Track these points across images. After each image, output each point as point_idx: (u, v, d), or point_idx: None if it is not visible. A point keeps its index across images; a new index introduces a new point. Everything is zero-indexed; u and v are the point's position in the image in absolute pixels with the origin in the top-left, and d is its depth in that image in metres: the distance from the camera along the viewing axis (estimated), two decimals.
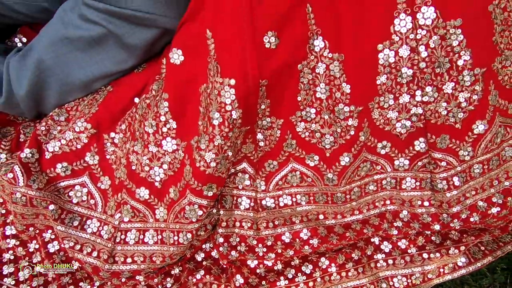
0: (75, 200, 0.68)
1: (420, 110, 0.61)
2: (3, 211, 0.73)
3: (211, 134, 0.58)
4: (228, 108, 0.56)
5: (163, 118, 0.62)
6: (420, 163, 0.66)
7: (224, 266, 0.72)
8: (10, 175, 0.63)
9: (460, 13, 0.54)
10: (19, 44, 0.77)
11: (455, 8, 0.54)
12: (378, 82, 0.59)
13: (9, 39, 0.77)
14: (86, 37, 0.61)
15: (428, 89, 0.58)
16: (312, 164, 0.67)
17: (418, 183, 0.68)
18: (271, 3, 0.53)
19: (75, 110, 0.70)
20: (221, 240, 0.69)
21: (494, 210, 0.67)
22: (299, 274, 0.72)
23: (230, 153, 0.61)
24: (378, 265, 0.73)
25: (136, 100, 0.68)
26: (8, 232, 0.71)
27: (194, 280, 0.72)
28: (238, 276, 0.70)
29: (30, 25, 0.77)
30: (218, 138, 0.58)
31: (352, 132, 0.62)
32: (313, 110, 0.62)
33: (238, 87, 0.55)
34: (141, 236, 0.67)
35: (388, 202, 0.71)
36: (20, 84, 0.65)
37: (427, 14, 0.54)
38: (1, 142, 0.70)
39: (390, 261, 0.74)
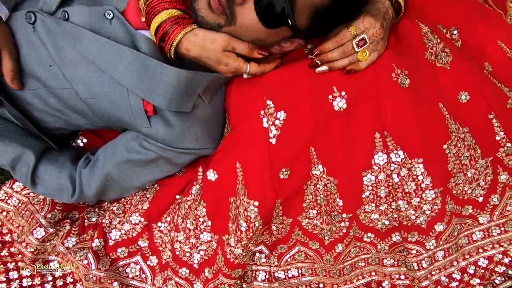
0: (130, 275, 0.88)
1: (395, 215, 0.81)
2: (71, 280, 0.93)
3: (239, 236, 0.79)
4: (253, 220, 0.77)
5: (201, 220, 0.83)
6: (397, 249, 0.86)
7: None
8: (85, 262, 0.84)
9: (421, 153, 0.74)
10: (81, 144, 0.97)
11: (418, 150, 0.74)
12: (363, 196, 0.79)
13: (73, 141, 0.98)
14: (144, 159, 0.81)
15: (400, 202, 0.79)
16: (314, 247, 0.87)
17: (396, 262, 0.88)
18: (285, 149, 0.73)
19: (130, 204, 0.91)
20: None
21: (454, 284, 0.87)
22: None
23: (252, 247, 0.82)
24: None
25: (178, 196, 0.89)
26: None
27: None
28: None
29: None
30: (245, 240, 0.78)
31: (344, 231, 0.83)
32: (314, 211, 0.83)
33: (260, 207, 0.76)
34: None
35: (373, 273, 0.91)
36: (90, 188, 0.85)
37: (398, 154, 0.74)
38: (72, 228, 0.90)
39: None
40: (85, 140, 0.98)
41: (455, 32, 0.86)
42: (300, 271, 0.90)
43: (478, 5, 0.88)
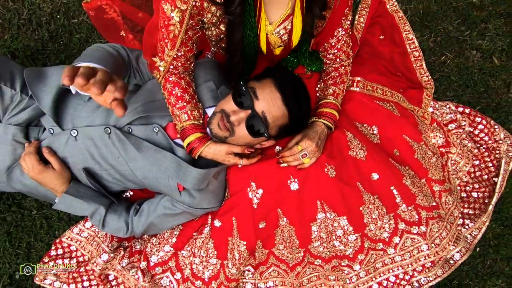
0: (164, 285, 1.36)
1: (332, 249, 1.28)
2: (122, 287, 1.40)
3: (234, 262, 1.26)
4: (243, 252, 1.25)
5: (210, 250, 1.30)
6: (336, 269, 1.33)
7: None
8: (136, 276, 1.31)
9: (345, 213, 1.22)
10: (129, 195, 1.45)
11: (343, 211, 1.22)
12: (312, 237, 1.26)
13: (123, 193, 1.45)
14: (174, 213, 1.28)
15: (335, 241, 1.26)
16: (283, 268, 1.35)
17: (336, 277, 1.35)
18: (262, 211, 1.21)
19: (163, 238, 1.38)
20: None
21: (375, 287, 1.35)
22: None
23: (242, 268, 1.29)
24: None
25: (194, 234, 1.36)
26: None
27: None
28: None
29: None
30: (237, 264, 1.26)
31: (301, 258, 1.30)
32: (282, 246, 1.30)
33: (247, 245, 1.23)
34: None
35: (322, 285, 1.38)
36: (138, 229, 1.32)
37: (331, 213, 1.22)
38: (124, 253, 1.38)
39: None
40: (131, 193, 1.46)
41: (375, 129, 1.34)
42: (274, 283, 1.38)
43: (389, 112, 1.36)
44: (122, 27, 1.70)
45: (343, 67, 1.28)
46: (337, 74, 1.27)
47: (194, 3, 0.94)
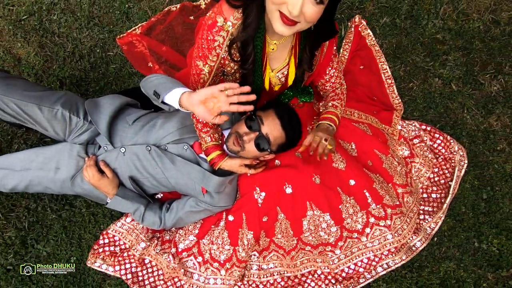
0: (189, 266, 1.75)
1: (319, 238, 1.68)
2: (155, 269, 1.80)
3: (244, 247, 1.65)
4: (250, 240, 1.64)
5: (225, 239, 1.69)
6: (322, 254, 1.73)
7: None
8: (168, 259, 1.70)
9: (328, 210, 1.61)
10: (159, 196, 1.84)
11: (326, 209, 1.61)
12: (303, 229, 1.66)
13: (155, 194, 1.84)
14: (198, 210, 1.67)
15: (320, 232, 1.65)
16: (281, 253, 1.74)
17: (322, 260, 1.75)
18: (265, 208, 1.60)
19: (187, 229, 1.78)
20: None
21: (350, 270, 1.74)
22: None
23: (250, 252, 1.69)
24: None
25: (212, 226, 1.75)
26: (161, 277, 1.78)
27: None
28: None
29: None
30: (246, 249, 1.65)
31: (294, 245, 1.70)
32: (280, 235, 1.69)
33: (254, 234, 1.63)
34: (218, 281, 1.74)
35: (312, 266, 1.78)
36: (168, 223, 1.71)
37: (317, 211, 1.61)
38: (158, 242, 1.77)
39: None
40: (161, 195, 1.85)
41: (353, 145, 1.74)
42: (274, 265, 1.77)
43: (363, 132, 1.75)
44: (149, 59, 2.09)
45: (339, 89, 1.64)
46: (334, 94, 1.63)
47: (219, 61, 1.33)
